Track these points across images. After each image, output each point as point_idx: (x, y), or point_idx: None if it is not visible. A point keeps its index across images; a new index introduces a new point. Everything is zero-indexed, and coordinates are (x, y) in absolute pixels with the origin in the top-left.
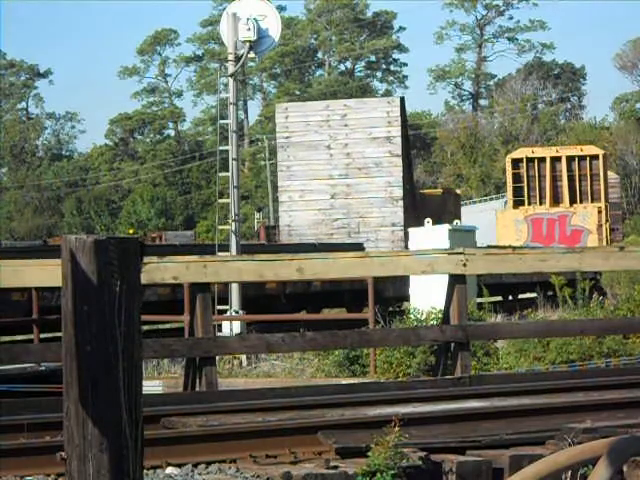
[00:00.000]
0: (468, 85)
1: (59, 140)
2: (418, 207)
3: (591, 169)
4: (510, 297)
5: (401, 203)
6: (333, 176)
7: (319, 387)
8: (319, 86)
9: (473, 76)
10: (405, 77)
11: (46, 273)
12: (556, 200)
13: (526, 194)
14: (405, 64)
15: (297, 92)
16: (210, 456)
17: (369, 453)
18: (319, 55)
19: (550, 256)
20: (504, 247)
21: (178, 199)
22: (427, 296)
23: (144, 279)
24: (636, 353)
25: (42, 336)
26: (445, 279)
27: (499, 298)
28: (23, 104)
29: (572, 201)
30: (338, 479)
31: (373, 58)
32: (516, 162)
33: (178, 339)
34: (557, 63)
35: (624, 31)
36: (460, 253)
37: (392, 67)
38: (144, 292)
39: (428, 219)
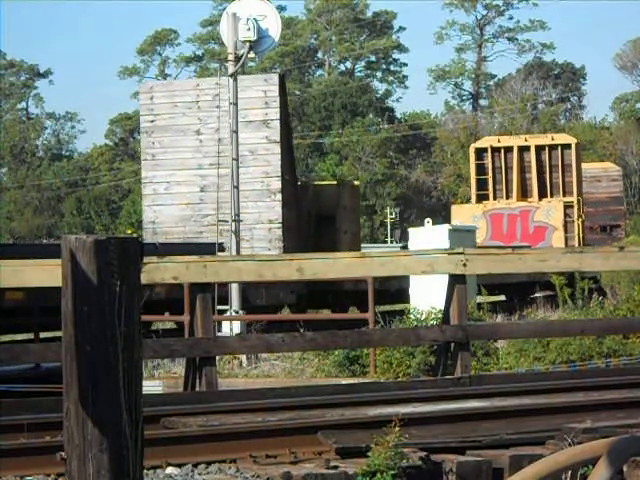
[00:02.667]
0: (468, 85)
1: (59, 140)
2: (308, 201)
3: (563, 159)
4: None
5: (279, 197)
6: (203, 166)
7: (319, 387)
8: (319, 86)
9: (473, 76)
10: (405, 77)
11: (46, 273)
12: (524, 194)
13: (491, 187)
14: (405, 64)
15: (297, 92)
16: (210, 456)
17: (369, 453)
18: (319, 55)
19: (550, 256)
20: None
21: None
22: (427, 296)
23: (144, 279)
24: (636, 353)
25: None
26: (445, 279)
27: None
28: (23, 104)
29: (542, 195)
30: (338, 479)
31: (373, 58)
32: (480, 152)
33: (178, 339)
34: (557, 63)
35: (624, 31)
36: (460, 253)
37: (392, 67)
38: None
39: (428, 219)
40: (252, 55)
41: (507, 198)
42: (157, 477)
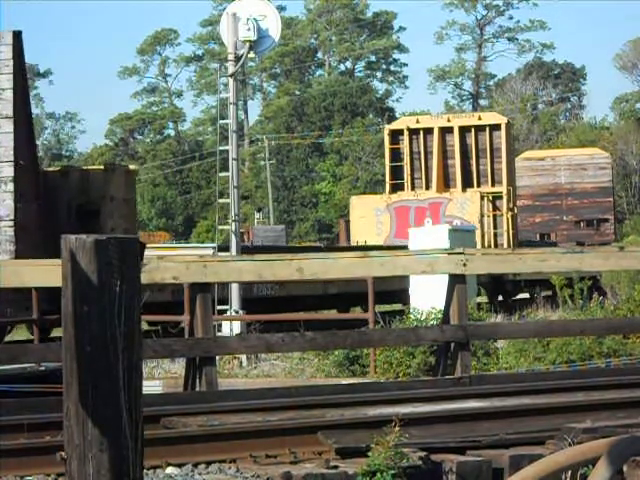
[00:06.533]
0: (468, 85)
1: (59, 140)
2: (70, 190)
3: (491, 142)
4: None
5: (11, 187)
6: None
7: (319, 387)
8: (319, 86)
9: (473, 76)
10: (405, 77)
11: (46, 273)
12: (447, 183)
13: (408, 175)
14: (405, 64)
15: (297, 92)
16: (210, 456)
17: (369, 453)
18: (319, 55)
19: (550, 256)
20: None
21: (178, 199)
22: (427, 296)
23: (144, 279)
24: (636, 353)
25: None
26: (445, 279)
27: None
28: None
29: (467, 184)
30: (338, 479)
31: (373, 58)
32: (395, 135)
33: (178, 339)
34: (557, 63)
35: (624, 31)
36: (460, 253)
37: (392, 67)
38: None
39: (428, 219)
40: (252, 55)
41: (427, 188)
42: (157, 477)
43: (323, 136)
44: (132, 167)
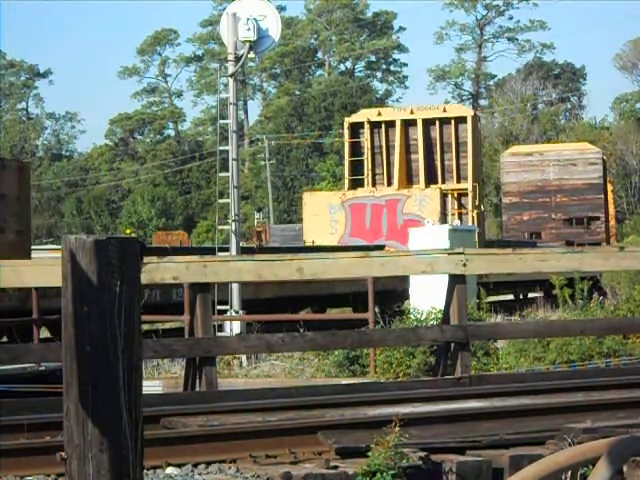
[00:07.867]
0: (468, 85)
1: (59, 140)
2: None
3: (457, 136)
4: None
5: None
6: None
7: (319, 387)
8: (319, 86)
9: (473, 76)
10: (405, 77)
11: (46, 273)
12: (410, 179)
13: (369, 171)
14: (405, 64)
15: (297, 92)
16: (210, 456)
17: (369, 453)
18: (319, 55)
19: (550, 256)
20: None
21: (178, 199)
22: (427, 296)
23: (144, 279)
24: (636, 353)
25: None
26: (445, 279)
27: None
28: (23, 104)
29: (430, 180)
30: (338, 479)
31: (373, 58)
32: (356, 128)
33: (178, 339)
34: (557, 63)
35: (624, 31)
36: (460, 253)
37: (392, 67)
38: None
39: (428, 219)
40: (252, 55)
41: (389, 184)
42: (157, 477)
43: (323, 136)
44: (25, 162)
